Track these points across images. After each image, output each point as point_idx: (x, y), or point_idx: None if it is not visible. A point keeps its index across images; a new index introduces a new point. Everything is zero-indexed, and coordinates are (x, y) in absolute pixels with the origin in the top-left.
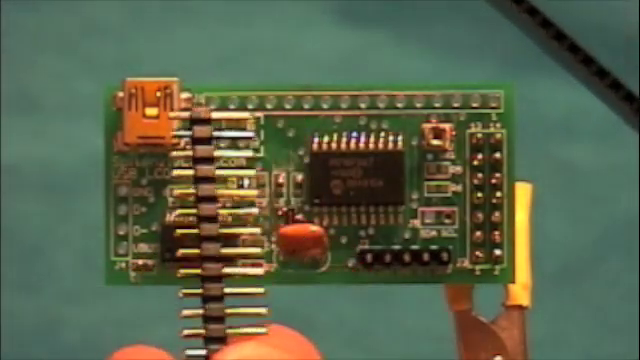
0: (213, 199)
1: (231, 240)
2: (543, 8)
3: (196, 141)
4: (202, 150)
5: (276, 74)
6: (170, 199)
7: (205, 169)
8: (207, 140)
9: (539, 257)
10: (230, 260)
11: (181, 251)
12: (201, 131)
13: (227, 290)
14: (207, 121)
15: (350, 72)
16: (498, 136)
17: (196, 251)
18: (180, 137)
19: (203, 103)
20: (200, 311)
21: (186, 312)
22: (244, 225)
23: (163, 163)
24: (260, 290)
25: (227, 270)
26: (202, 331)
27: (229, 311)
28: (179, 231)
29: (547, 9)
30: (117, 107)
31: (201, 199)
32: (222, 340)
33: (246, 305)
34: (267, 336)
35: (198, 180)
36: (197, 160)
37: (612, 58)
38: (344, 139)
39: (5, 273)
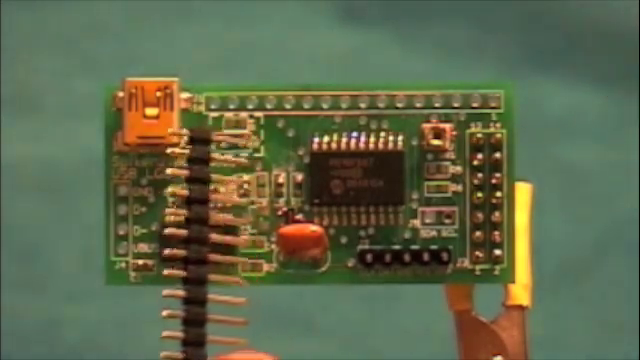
0: (204, 221)
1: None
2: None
3: (192, 161)
4: (197, 170)
5: (276, 74)
6: (170, 199)
7: (199, 189)
8: (204, 160)
9: (539, 257)
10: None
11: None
12: (199, 151)
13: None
14: (206, 141)
15: (350, 72)
16: (498, 136)
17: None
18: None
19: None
20: (180, 334)
21: (166, 333)
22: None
23: (163, 163)
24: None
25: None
26: (181, 355)
27: (210, 337)
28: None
29: (548, 9)
30: (117, 107)
31: (191, 220)
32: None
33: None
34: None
35: (191, 201)
36: (190, 180)
37: (612, 58)
38: (344, 139)
39: (5, 273)
